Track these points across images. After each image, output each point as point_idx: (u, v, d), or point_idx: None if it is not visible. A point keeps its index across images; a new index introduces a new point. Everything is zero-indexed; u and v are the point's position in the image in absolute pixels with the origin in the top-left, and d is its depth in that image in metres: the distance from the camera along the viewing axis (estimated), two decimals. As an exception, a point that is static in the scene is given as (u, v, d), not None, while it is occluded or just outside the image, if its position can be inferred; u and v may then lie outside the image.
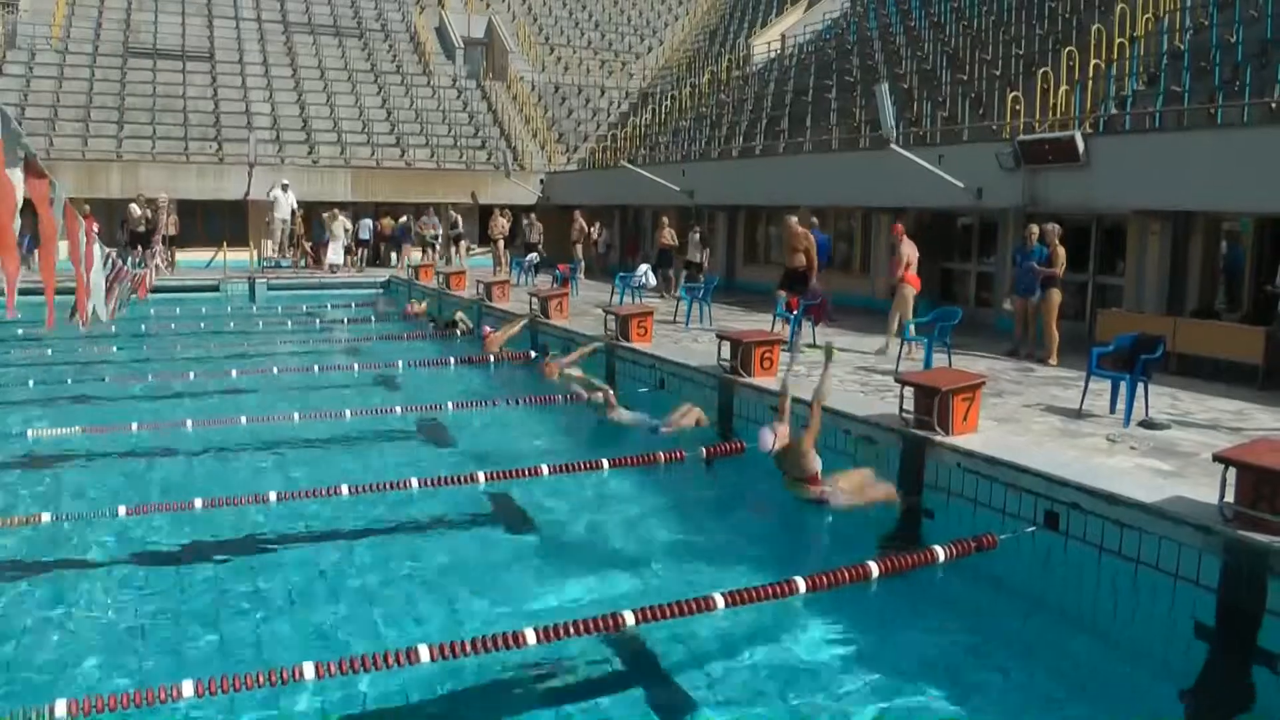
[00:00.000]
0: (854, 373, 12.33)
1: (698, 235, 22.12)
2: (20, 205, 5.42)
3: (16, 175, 5.41)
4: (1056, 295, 13.47)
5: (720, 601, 6.10)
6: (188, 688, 4.86)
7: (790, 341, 13.43)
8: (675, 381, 12.88)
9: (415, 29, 41.92)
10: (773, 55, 34.11)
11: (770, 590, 6.31)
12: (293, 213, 29.76)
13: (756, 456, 8.28)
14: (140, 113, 32.53)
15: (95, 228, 10.77)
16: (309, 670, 5.05)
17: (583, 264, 26.08)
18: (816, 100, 27.03)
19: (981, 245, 18.74)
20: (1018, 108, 18.27)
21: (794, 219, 16.45)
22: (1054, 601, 7.11)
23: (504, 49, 41.61)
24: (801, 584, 6.39)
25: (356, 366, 15.50)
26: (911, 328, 13.45)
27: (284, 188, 29.37)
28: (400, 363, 15.57)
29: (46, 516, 7.87)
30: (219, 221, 29.97)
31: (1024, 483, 7.66)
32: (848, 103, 25.14)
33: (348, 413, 12.03)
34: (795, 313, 14.89)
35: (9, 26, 35.51)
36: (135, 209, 26.88)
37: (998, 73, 21.67)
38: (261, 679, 4.97)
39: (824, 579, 6.51)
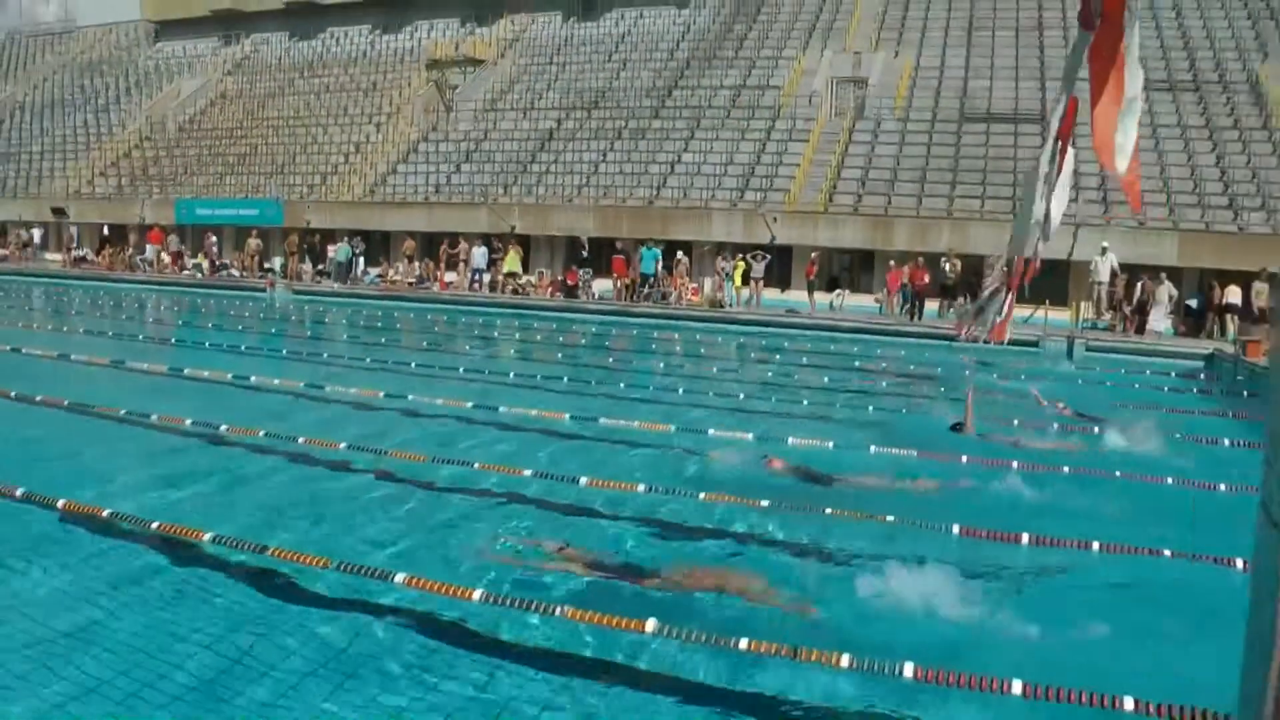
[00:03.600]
0: None
1: None
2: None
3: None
4: None
5: None
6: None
7: None
8: None
9: (1257, 79, 40.36)
10: None
11: None
12: (1113, 275, 30.54)
13: None
14: (972, 174, 35.71)
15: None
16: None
17: None
18: None
19: None
20: None
21: None
22: None
23: (1368, 98, 38.42)
24: None
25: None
26: None
27: (1103, 251, 30.29)
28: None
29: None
30: (1039, 280, 31.63)
31: None
32: None
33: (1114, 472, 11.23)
34: None
35: (859, 100, 41.06)
36: (943, 263, 29.92)
37: None
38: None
39: None
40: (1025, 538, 8.44)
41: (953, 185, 35.38)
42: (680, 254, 33.83)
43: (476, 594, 6.74)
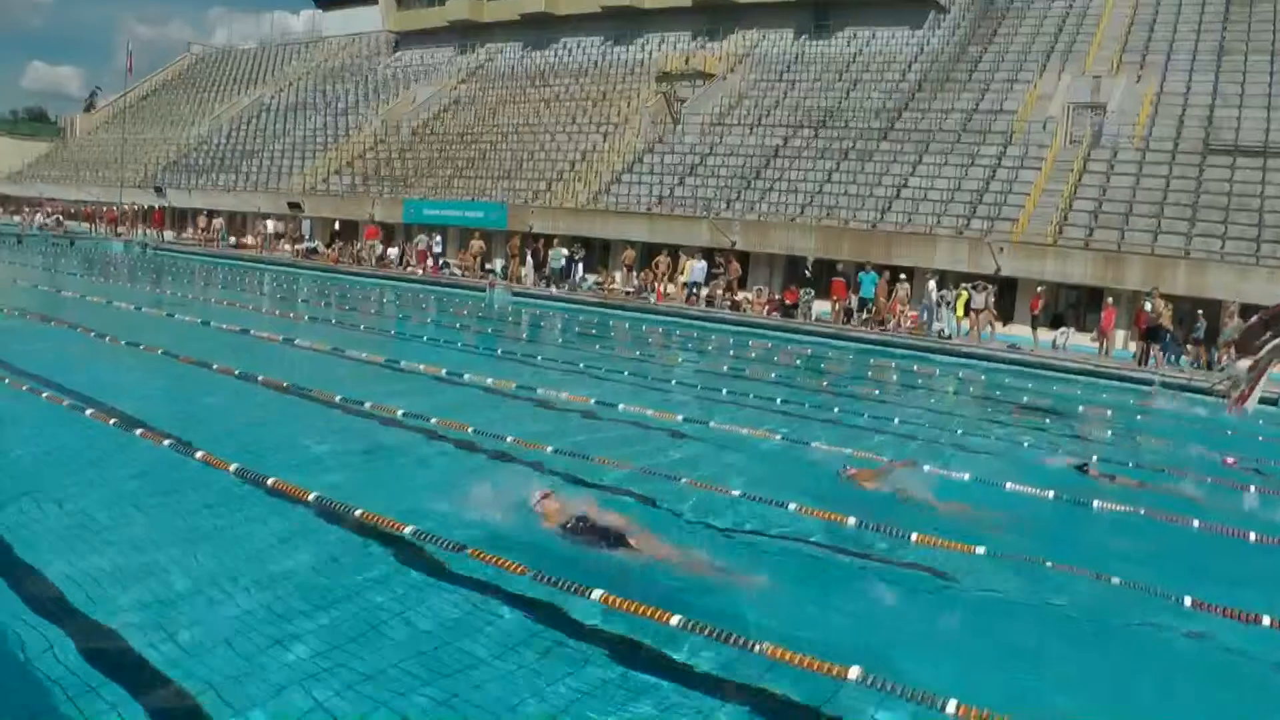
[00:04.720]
0: None
1: None
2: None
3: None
4: None
5: None
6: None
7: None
8: None
9: None
10: None
11: None
12: (1369, 324, 29.21)
13: None
14: (1214, 211, 34.75)
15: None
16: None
17: None
18: None
19: None
20: None
21: None
22: None
23: None
24: None
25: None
26: None
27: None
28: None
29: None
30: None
31: None
32: None
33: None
34: None
35: (1095, 126, 40.33)
36: (1145, 303, 29.54)
37: None
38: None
39: None
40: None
41: (1191, 222, 34.50)
42: (903, 279, 34.03)
43: (674, 619, 6.61)
